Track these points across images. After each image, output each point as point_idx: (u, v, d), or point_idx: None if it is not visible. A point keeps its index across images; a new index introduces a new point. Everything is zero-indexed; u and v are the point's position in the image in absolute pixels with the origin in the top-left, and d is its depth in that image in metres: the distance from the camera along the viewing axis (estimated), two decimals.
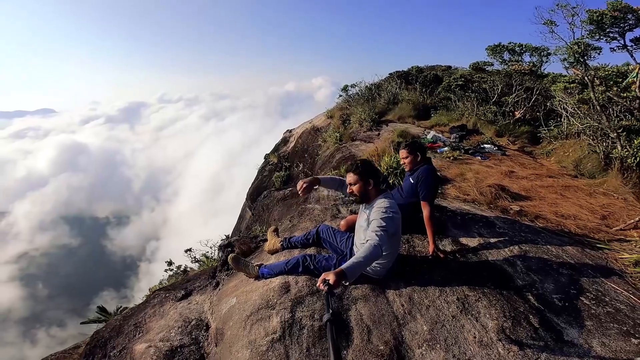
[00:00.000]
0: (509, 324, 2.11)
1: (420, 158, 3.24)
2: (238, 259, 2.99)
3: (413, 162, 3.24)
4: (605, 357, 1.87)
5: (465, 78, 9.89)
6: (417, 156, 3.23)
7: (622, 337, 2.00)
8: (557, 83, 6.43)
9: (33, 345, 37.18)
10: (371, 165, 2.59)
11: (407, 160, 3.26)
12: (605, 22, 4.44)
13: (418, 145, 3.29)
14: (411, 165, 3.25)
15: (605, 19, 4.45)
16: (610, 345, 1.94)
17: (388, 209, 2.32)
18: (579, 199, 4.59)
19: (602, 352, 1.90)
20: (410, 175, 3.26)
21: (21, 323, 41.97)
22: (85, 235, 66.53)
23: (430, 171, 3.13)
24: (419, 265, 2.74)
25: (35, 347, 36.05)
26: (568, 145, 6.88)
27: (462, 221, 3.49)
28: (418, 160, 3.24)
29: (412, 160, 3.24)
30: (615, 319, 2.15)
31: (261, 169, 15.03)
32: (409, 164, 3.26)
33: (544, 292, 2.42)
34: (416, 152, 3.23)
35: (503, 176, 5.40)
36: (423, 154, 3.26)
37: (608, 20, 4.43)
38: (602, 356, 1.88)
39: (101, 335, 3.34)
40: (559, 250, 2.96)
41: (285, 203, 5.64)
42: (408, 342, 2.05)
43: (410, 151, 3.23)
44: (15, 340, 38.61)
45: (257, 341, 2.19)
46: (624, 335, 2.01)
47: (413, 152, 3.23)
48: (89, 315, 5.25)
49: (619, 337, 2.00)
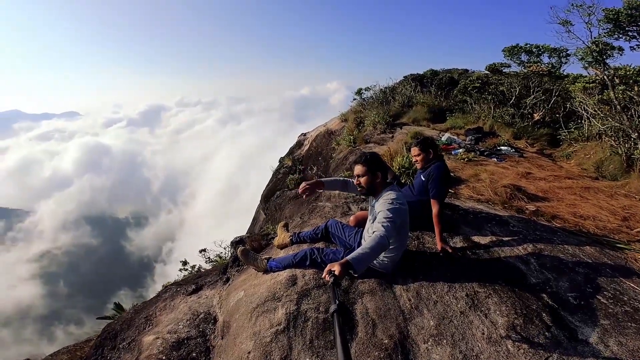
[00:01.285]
0: (520, 321, 2.04)
1: (432, 155, 3.17)
2: (247, 252, 3.02)
3: (425, 160, 3.18)
4: (622, 356, 1.79)
5: (481, 80, 9.72)
6: (429, 154, 3.17)
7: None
8: (577, 83, 6.23)
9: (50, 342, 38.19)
10: (379, 158, 2.58)
11: (418, 157, 3.21)
12: (621, 20, 4.30)
13: (430, 142, 3.23)
14: (423, 162, 3.19)
15: (622, 17, 4.30)
16: (627, 345, 1.84)
17: (395, 201, 2.29)
18: (599, 200, 4.42)
19: (619, 351, 1.81)
20: (421, 173, 3.20)
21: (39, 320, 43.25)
22: (105, 235, 68.42)
23: (442, 169, 3.07)
24: (428, 262, 2.69)
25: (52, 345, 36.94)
26: (589, 147, 6.64)
27: (475, 220, 3.41)
28: (430, 157, 3.17)
29: (424, 157, 3.18)
30: (634, 318, 2.04)
31: (276, 172, 15.16)
32: (420, 161, 3.20)
33: (559, 290, 2.33)
34: (428, 149, 3.17)
35: (519, 177, 5.25)
36: (435, 151, 3.20)
37: (624, 18, 4.28)
38: (618, 356, 1.79)
39: (112, 328, 3.42)
40: (575, 249, 2.85)
41: (297, 201, 5.66)
42: (413, 336, 2.01)
43: (422, 148, 3.17)
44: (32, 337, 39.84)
45: (262, 332, 2.19)
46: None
47: (425, 150, 3.17)
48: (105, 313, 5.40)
49: (637, 336, 1.90)
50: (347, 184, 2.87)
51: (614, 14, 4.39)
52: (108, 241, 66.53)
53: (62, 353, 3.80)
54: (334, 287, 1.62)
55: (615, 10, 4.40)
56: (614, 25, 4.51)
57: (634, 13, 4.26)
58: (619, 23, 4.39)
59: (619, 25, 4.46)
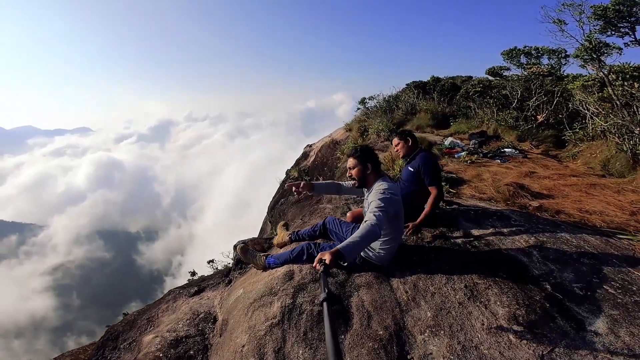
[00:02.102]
0: (522, 311, 1.97)
1: (411, 143, 3.30)
2: (246, 249, 3.02)
3: (405, 148, 3.31)
4: (634, 347, 1.71)
5: (483, 84, 9.71)
6: (407, 141, 3.29)
7: None
8: (575, 82, 6.18)
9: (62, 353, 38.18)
10: (370, 150, 2.60)
11: (399, 147, 3.34)
12: (610, 16, 4.31)
13: (407, 132, 3.39)
14: (404, 150, 3.32)
15: (610, 12, 4.31)
16: (639, 335, 1.77)
17: (386, 190, 2.28)
18: (605, 196, 4.32)
19: (632, 342, 1.73)
20: (408, 164, 3.28)
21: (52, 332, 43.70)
22: (117, 249, 69.09)
23: (428, 157, 3.17)
24: (426, 255, 2.65)
25: None
26: (595, 147, 6.53)
27: (475, 216, 3.36)
28: (409, 145, 3.30)
29: (403, 145, 3.31)
30: None
31: (282, 183, 15.22)
32: (401, 149, 3.33)
33: (563, 281, 2.26)
34: (406, 137, 3.30)
35: (523, 176, 5.18)
36: (414, 140, 3.33)
37: (612, 13, 4.29)
38: (631, 346, 1.72)
39: (115, 329, 3.43)
40: (580, 241, 2.77)
41: (299, 205, 5.66)
42: (410, 327, 1.97)
43: (401, 137, 3.32)
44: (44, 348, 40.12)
45: (257, 326, 2.17)
46: None
47: (403, 138, 3.30)
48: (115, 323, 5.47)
49: None
50: (341, 186, 2.94)
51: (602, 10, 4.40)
52: (120, 255, 67.14)
53: (66, 356, 3.80)
54: (325, 275, 1.61)
55: (602, 7, 4.42)
56: (605, 22, 4.51)
57: (622, 9, 4.26)
58: (609, 19, 4.39)
59: (609, 22, 4.46)
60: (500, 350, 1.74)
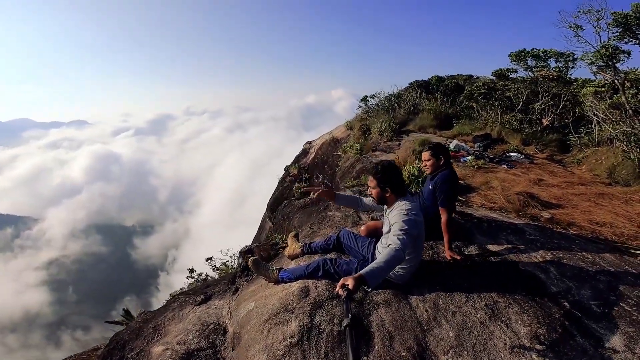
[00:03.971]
0: (543, 330, 1.97)
1: (442, 162, 3.07)
2: (258, 263, 2.97)
3: (434, 166, 3.08)
4: None
5: (488, 86, 9.68)
6: (439, 160, 3.06)
7: None
8: (587, 87, 6.17)
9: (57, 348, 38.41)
10: (392, 170, 2.49)
11: (428, 163, 3.11)
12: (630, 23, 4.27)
13: (442, 148, 3.13)
14: (432, 168, 3.10)
15: (631, 20, 4.27)
16: None
17: (410, 212, 2.25)
18: (614, 206, 4.31)
19: None
20: (430, 181, 3.12)
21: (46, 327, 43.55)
22: (113, 243, 68.69)
23: (448, 176, 2.97)
24: (443, 272, 2.63)
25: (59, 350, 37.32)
26: (600, 153, 6.53)
27: (489, 228, 3.34)
28: (440, 164, 3.07)
29: (434, 163, 3.08)
30: None
31: (281, 180, 15.17)
32: (430, 166, 3.10)
33: (581, 298, 2.25)
34: (439, 155, 3.06)
35: (532, 184, 5.16)
36: (446, 157, 3.09)
37: (633, 21, 4.26)
38: None
39: (120, 337, 3.38)
40: (595, 257, 2.77)
41: (306, 211, 5.62)
42: (432, 348, 1.95)
43: (433, 154, 3.07)
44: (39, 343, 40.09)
45: (274, 345, 2.14)
46: None
47: (436, 155, 3.07)
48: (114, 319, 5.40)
49: None
50: (362, 202, 2.96)
51: (623, 18, 4.36)
52: (115, 249, 66.84)
53: None
54: (348, 301, 1.58)
55: (624, 14, 4.38)
56: (624, 29, 4.48)
57: None
58: (629, 26, 4.36)
59: (628, 29, 4.43)
60: None
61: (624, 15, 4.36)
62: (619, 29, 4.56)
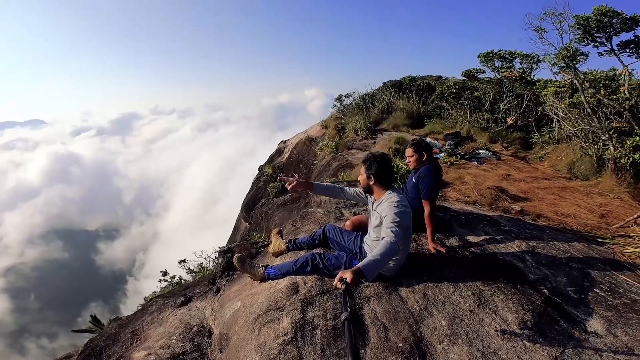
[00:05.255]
0: (529, 316, 2.07)
1: (425, 157, 3.16)
2: (244, 260, 2.90)
3: (417, 161, 3.16)
4: (632, 346, 1.84)
5: (458, 86, 10.08)
6: (422, 155, 3.15)
7: None
8: (548, 88, 6.59)
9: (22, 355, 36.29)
10: (384, 162, 2.51)
11: (412, 158, 3.19)
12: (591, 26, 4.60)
13: (424, 144, 3.21)
14: (415, 163, 3.18)
15: (592, 22, 4.60)
16: (635, 335, 1.90)
17: (399, 203, 2.28)
18: (576, 199, 4.64)
19: (628, 341, 1.87)
20: (413, 175, 3.20)
21: (8, 336, 40.81)
22: (75, 249, 64.71)
23: (432, 170, 3.06)
24: (428, 263, 2.70)
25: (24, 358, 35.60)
26: (560, 150, 7.00)
27: (467, 220, 3.47)
28: (423, 159, 3.15)
29: (417, 159, 3.16)
30: (634, 309, 2.12)
31: (256, 180, 14.93)
32: (413, 162, 3.18)
33: (558, 285, 2.39)
34: (421, 151, 3.15)
35: (501, 179, 5.44)
36: (428, 153, 3.18)
37: (594, 23, 4.58)
38: (629, 345, 1.85)
39: (96, 344, 3.18)
40: (565, 245, 2.95)
41: (286, 208, 5.56)
42: (427, 338, 1.99)
43: (416, 150, 3.15)
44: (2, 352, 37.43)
45: (267, 344, 2.09)
46: None
47: (418, 151, 3.15)
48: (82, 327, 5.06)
49: None
50: (344, 191, 2.93)
51: (584, 20, 4.68)
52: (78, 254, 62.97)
53: None
54: (346, 295, 1.58)
55: (585, 17, 4.70)
56: (584, 32, 4.81)
57: (603, 19, 4.56)
58: (589, 29, 4.68)
59: (588, 32, 4.76)
60: (518, 354, 1.81)
61: (585, 18, 4.68)
62: (579, 32, 4.89)
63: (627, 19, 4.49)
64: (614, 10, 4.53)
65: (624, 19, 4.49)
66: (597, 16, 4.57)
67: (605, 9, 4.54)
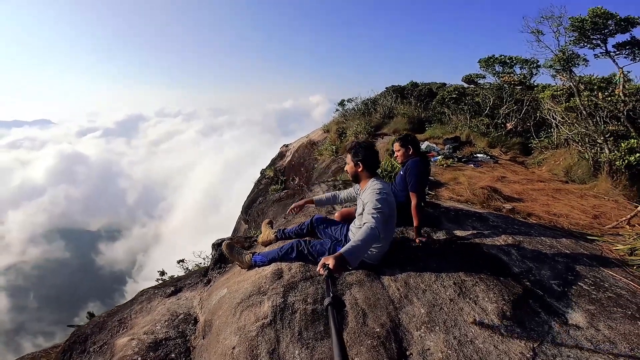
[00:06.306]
0: (509, 307, 2.06)
1: (411, 152, 3.21)
2: (232, 247, 2.93)
3: (404, 155, 3.23)
4: (615, 339, 1.82)
5: (458, 91, 10.11)
6: (408, 149, 3.21)
7: (628, 320, 1.95)
8: (545, 91, 6.60)
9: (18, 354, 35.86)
10: (368, 149, 2.56)
11: (399, 153, 3.26)
12: (586, 28, 4.63)
13: (411, 138, 3.27)
14: (402, 157, 3.25)
15: (587, 24, 4.63)
16: (617, 329, 1.88)
17: (381, 191, 2.30)
18: (570, 200, 4.62)
19: (611, 335, 1.85)
20: (401, 169, 3.26)
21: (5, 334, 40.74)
22: (76, 249, 64.78)
23: (419, 162, 3.10)
24: (414, 254, 2.70)
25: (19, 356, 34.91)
26: (558, 154, 6.98)
27: (456, 216, 3.48)
28: (409, 153, 3.21)
29: (404, 153, 3.22)
30: (618, 303, 2.10)
31: (257, 183, 14.99)
32: (400, 156, 3.25)
33: (542, 278, 2.38)
34: (408, 145, 3.21)
35: (495, 180, 5.43)
36: (415, 147, 3.23)
37: (589, 25, 4.61)
38: (611, 339, 1.83)
39: (82, 332, 3.20)
40: (552, 241, 2.94)
41: (281, 204, 5.58)
42: (405, 324, 1.98)
43: (403, 144, 3.23)
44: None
45: (247, 327, 2.10)
46: (630, 319, 1.96)
47: (405, 145, 3.22)
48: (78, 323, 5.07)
49: (625, 320, 1.94)
50: (337, 197, 3.09)
51: (580, 22, 4.71)
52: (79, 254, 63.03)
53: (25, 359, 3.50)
54: (328, 280, 1.58)
55: (580, 19, 4.73)
56: (580, 34, 4.84)
57: (598, 21, 4.59)
58: (584, 31, 4.71)
59: (583, 33, 4.79)
60: (495, 344, 1.80)
61: (580, 20, 4.71)
62: (575, 34, 4.92)
63: (621, 20, 4.53)
64: (609, 11, 4.57)
65: (619, 20, 4.53)
66: (592, 18, 4.61)
67: (599, 10, 4.58)
